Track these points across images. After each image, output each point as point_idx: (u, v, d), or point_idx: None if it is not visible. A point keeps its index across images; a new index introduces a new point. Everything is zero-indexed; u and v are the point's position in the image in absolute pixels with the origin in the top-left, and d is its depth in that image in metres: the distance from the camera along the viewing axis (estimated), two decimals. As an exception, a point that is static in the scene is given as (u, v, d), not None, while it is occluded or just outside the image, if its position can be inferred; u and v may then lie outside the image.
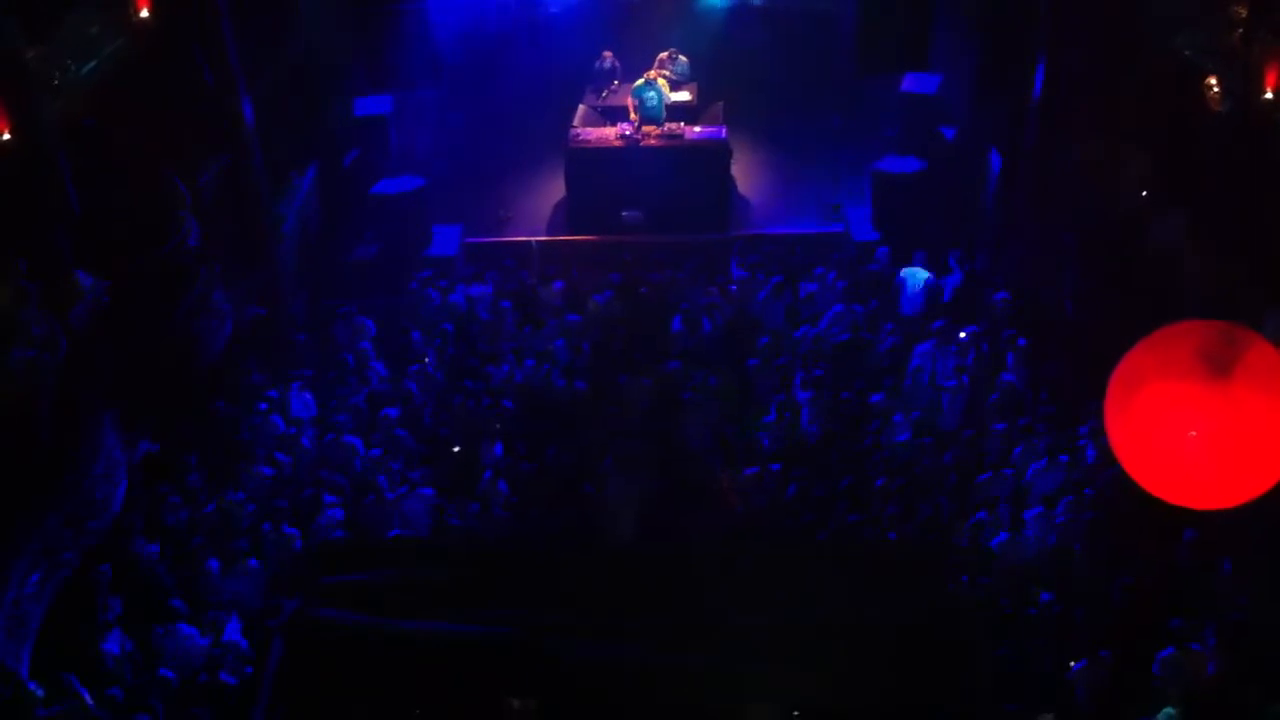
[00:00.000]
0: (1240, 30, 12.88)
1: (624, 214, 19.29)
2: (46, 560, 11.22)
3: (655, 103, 19.39)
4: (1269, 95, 12.10)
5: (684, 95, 20.34)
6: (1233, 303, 12.15)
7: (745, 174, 20.46)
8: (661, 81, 19.70)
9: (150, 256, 13.09)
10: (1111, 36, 15.03)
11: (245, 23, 15.63)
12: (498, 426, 14.81)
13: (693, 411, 14.94)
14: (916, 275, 16.77)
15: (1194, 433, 6.91)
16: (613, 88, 20.86)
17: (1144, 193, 14.40)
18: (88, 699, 10.91)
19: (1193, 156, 13.53)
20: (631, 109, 19.48)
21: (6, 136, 11.47)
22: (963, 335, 15.42)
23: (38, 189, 11.98)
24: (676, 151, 19.26)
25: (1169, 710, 10.62)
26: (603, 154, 19.29)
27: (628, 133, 19.30)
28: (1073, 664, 11.25)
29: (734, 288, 17.31)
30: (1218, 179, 13.15)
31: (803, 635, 9.42)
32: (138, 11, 13.67)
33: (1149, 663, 10.99)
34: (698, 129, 19.57)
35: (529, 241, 19.05)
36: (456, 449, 14.50)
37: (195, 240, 13.62)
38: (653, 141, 19.27)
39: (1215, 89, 13.22)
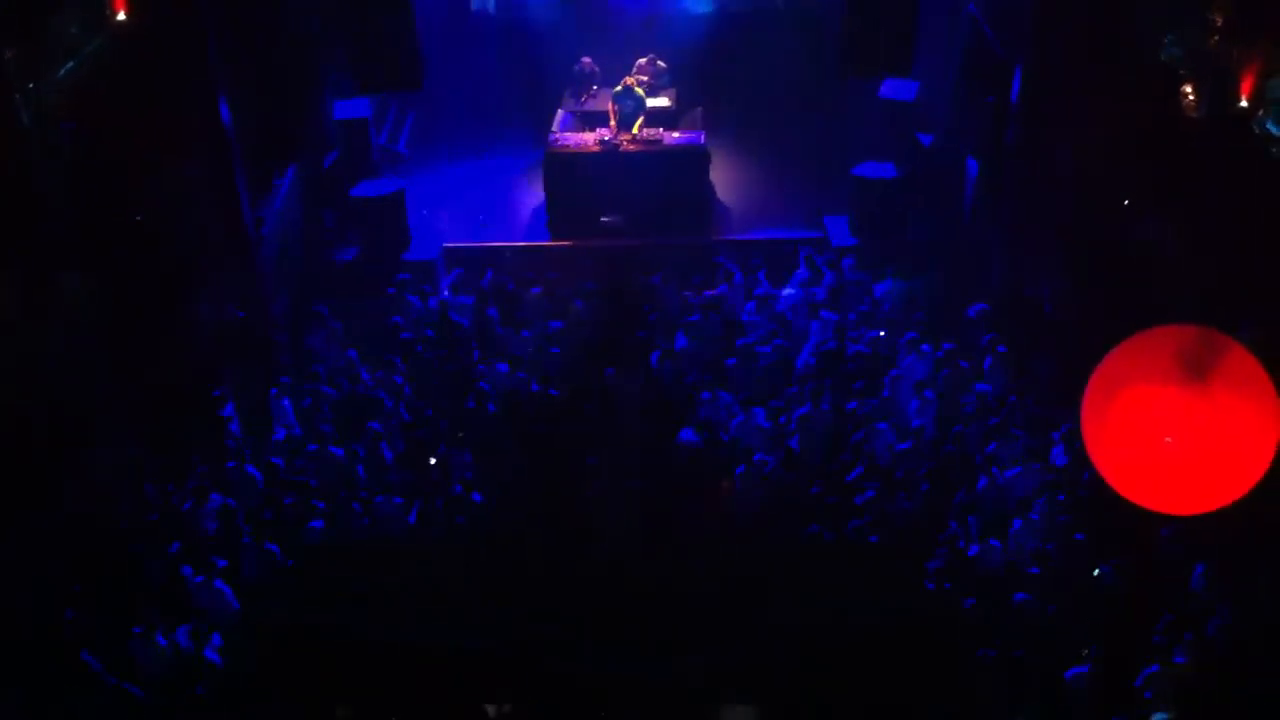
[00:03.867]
0: (1217, 36, 12.95)
1: (603, 219, 19.31)
2: (39, 563, 11.21)
3: (631, 109, 19.42)
4: (1244, 102, 12.17)
5: (663, 101, 20.38)
6: (1212, 307, 12.21)
7: (724, 179, 20.51)
8: (639, 89, 19.73)
9: (131, 259, 13.07)
10: (1090, 40, 15.10)
11: (225, 23, 15.59)
12: (466, 435, 14.78)
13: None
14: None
15: (1169, 439, 6.94)
16: (591, 93, 20.89)
17: (1124, 200, 14.44)
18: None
19: (1172, 161, 13.60)
20: (611, 114, 19.52)
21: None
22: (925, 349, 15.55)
23: (19, 190, 11.93)
24: (655, 156, 19.28)
25: (1161, 716, 10.64)
26: (581, 159, 19.31)
27: (607, 138, 19.32)
28: (1070, 669, 11.25)
29: (709, 293, 17.34)
30: (1196, 183, 13.22)
31: (791, 639, 9.44)
32: (116, 12, 13.64)
33: (1133, 666, 11.02)
34: (676, 134, 19.61)
35: (503, 248, 19.06)
36: (434, 460, 14.43)
37: (176, 242, 13.59)
38: (631, 146, 19.29)
39: (1191, 95, 13.29)
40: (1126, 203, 14.49)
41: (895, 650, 9.44)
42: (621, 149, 19.25)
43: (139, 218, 13.57)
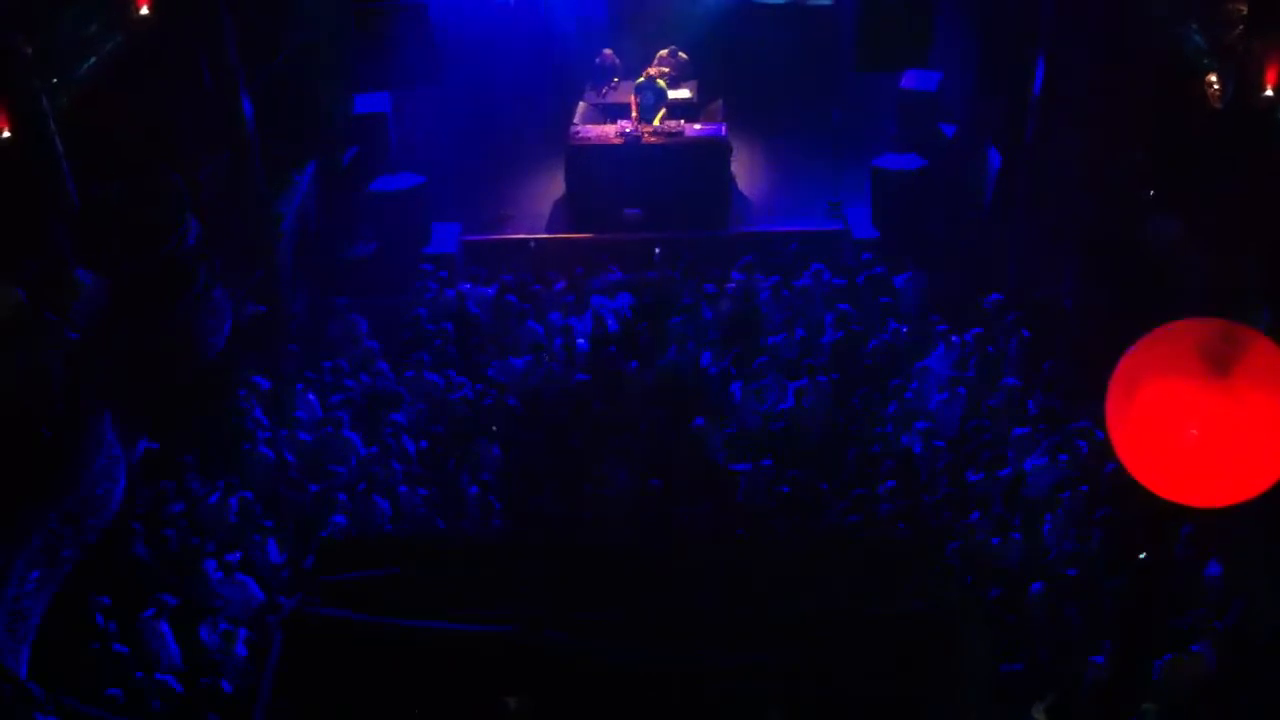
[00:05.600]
0: (1240, 27, 12.86)
1: (625, 212, 19.29)
2: (47, 558, 11.22)
3: (652, 102, 19.38)
4: (1269, 92, 12.09)
5: (684, 92, 20.33)
6: (1231, 299, 12.14)
7: (745, 171, 20.45)
8: (660, 81, 19.70)
9: (150, 255, 13.07)
10: (1111, 32, 15.01)
11: (244, 19, 15.61)
12: (494, 428, 14.79)
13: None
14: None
15: (1194, 431, 6.88)
16: (613, 85, 20.86)
17: (1149, 191, 14.35)
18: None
19: (1192, 153, 13.51)
20: (633, 106, 19.49)
21: (6, 134, 11.45)
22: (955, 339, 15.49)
23: (36, 187, 11.95)
24: (676, 149, 19.26)
25: (1147, 707, 10.59)
26: (603, 151, 19.29)
27: (628, 130, 19.29)
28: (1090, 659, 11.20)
29: (731, 286, 17.29)
30: (1217, 175, 13.14)
31: (798, 629, 9.43)
32: (137, 9, 13.64)
33: (1146, 661, 10.97)
34: (698, 126, 19.57)
35: (526, 240, 19.04)
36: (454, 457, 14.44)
37: (195, 238, 13.61)
38: (653, 139, 19.26)
39: (1215, 86, 13.21)
40: (1151, 193, 14.40)
41: (905, 644, 9.41)
42: (642, 141, 19.23)
43: (156, 214, 13.57)
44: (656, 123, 19.40)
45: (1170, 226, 13.71)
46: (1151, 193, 14.35)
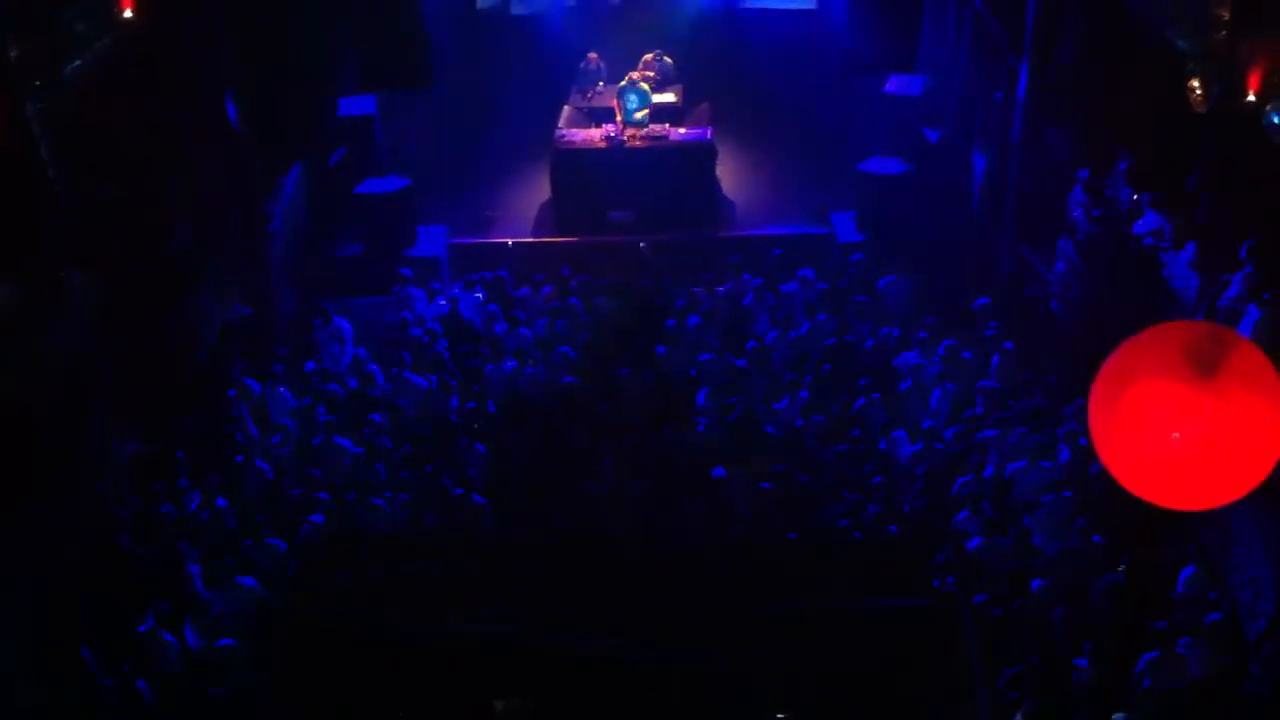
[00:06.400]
0: (1224, 32, 12.93)
1: (611, 215, 19.34)
2: (43, 559, 11.24)
3: (635, 106, 19.41)
4: (1251, 97, 12.16)
5: (669, 96, 20.38)
6: (1217, 301, 12.22)
7: (731, 175, 20.49)
8: (644, 85, 19.73)
9: (148, 255, 13.09)
10: (1098, 34, 15.10)
11: (234, 20, 15.60)
12: (476, 427, 14.82)
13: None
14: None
15: (1177, 435, 6.94)
16: (598, 89, 20.91)
17: (1133, 195, 14.43)
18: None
19: (1180, 155, 13.59)
20: (617, 110, 19.53)
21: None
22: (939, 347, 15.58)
23: (28, 188, 11.95)
24: (661, 152, 19.29)
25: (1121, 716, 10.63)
26: (588, 155, 19.31)
27: (613, 134, 19.32)
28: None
29: (720, 290, 17.34)
30: (1203, 178, 13.22)
31: (798, 628, 9.46)
32: (122, 11, 13.63)
33: (1130, 662, 11.02)
34: (683, 130, 19.61)
35: (510, 244, 19.06)
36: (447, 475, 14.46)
37: (187, 239, 13.64)
38: (638, 142, 19.29)
39: (1198, 90, 13.28)
40: (1135, 197, 14.48)
41: (905, 644, 9.44)
42: (627, 145, 19.26)
43: (146, 215, 13.58)
44: (641, 126, 19.44)
45: (1161, 228, 13.79)
46: (1135, 196, 14.42)
